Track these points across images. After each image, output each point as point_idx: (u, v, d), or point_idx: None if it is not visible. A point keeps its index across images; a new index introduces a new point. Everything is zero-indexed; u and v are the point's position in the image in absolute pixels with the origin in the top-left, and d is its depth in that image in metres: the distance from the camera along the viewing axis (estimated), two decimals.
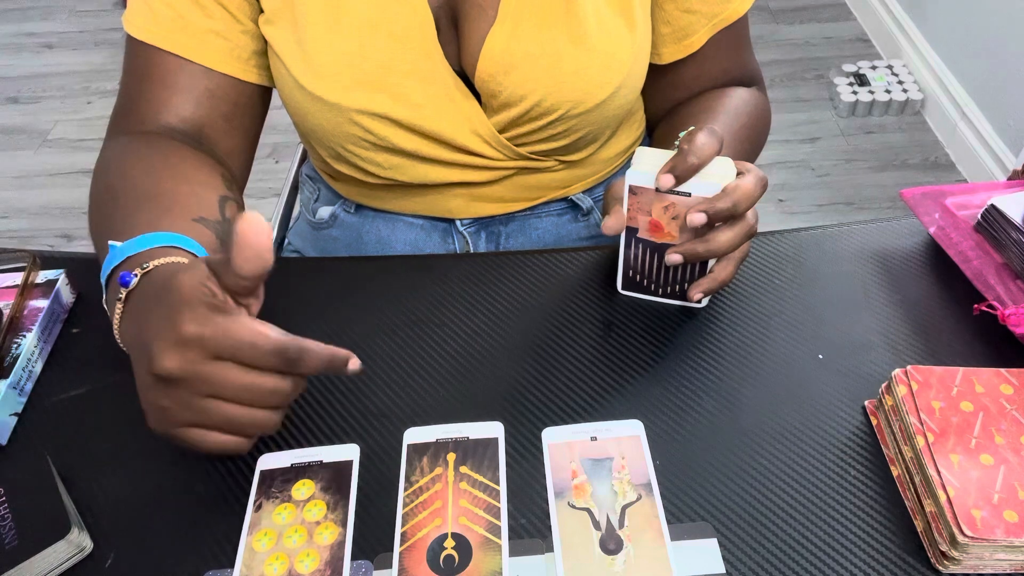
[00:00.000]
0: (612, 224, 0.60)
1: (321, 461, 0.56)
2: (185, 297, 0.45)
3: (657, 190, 0.58)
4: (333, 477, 0.55)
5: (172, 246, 0.55)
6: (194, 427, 0.46)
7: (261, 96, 0.74)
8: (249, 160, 0.76)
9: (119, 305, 0.52)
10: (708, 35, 0.75)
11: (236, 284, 0.45)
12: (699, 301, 0.63)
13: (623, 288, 0.67)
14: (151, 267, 0.52)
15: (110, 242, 0.55)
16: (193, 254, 0.55)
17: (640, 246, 0.63)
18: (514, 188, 0.79)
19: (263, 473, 0.54)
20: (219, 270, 0.45)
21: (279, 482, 0.54)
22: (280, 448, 0.57)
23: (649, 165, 0.58)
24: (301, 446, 0.57)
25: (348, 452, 0.56)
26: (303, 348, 0.46)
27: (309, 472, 0.55)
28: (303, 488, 0.54)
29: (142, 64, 0.69)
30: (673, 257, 0.60)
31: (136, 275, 0.51)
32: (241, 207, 0.67)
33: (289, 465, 0.55)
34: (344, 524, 0.52)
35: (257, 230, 0.43)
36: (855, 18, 2.63)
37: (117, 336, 0.53)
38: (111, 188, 0.63)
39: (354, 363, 0.48)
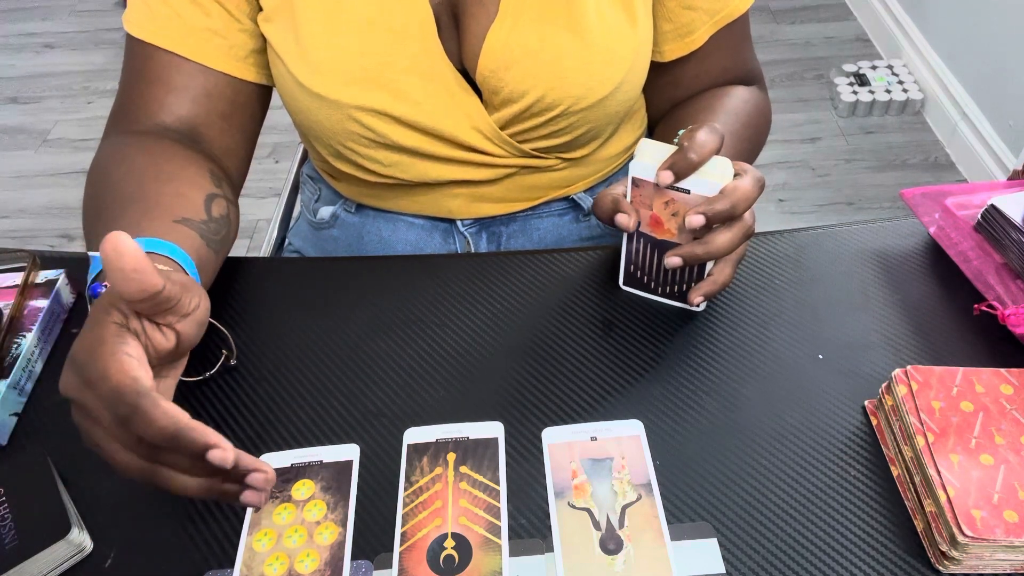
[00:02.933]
0: (624, 220, 0.61)
1: (321, 461, 0.56)
2: (93, 317, 0.45)
3: (657, 185, 0.58)
4: (333, 477, 0.55)
5: (152, 253, 0.53)
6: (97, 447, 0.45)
7: (259, 95, 0.74)
8: (247, 159, 0.76)
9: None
10: (709, 32, 0.75)
11: (133, 307, 0.44)
12: (698, 305, 0.64)
13: (624, 284, 0.68)
14: None
15: (89, 252, 0.55)
16: (170, 257, 0.54)
17: (641, 241, 0.63)
18: (515, 188, 0.79)
19: None
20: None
21: (279, 482, 0.54)
22: (280, 448, 0.57)
23: (652, 158, 0.58)
24: (301, 446, 0.57)
25: (348, 452, 0.56)
26: (138, 407, 0.41)
27: (309, 472, 0.55)
28: (303, 488, 0.54)
29: (139, 63, 0.69)
30: (673, 260, 0.60)
31: (106, 286, 0.51)
32: (231, 203, 0.66)
33: (289, 465, 0.55)
34: (344, 524, 0.52)
35: (121, 256, 0.41)
36: (855, 18, 2.63)
37: None
38: (99, 191, 0.63)
39: (217, 455, 0.41)
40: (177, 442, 0.41)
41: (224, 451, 0.41)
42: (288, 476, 0.54)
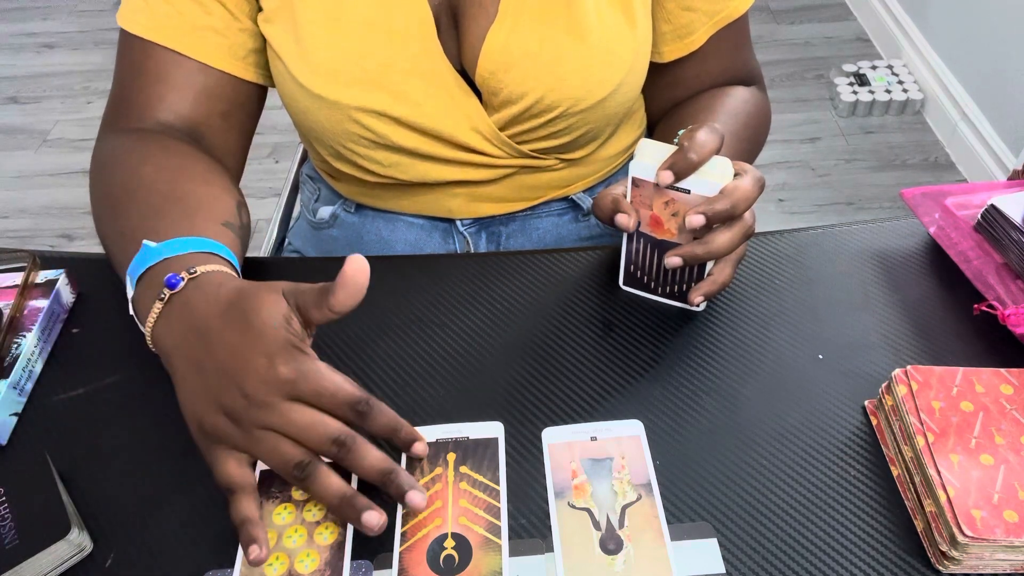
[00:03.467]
0: (624, 220, 0.61)
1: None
2: (275, 335, 0.48)
3: (657, 185, 0.58)
4: None
5: (211, 252, 0.56)
6: (233, 452, 0.49)
7: (258, 96, 0.74)
8: (244, 159, 0.76)
9: (158, 305, 0.53)
10: (709, 33, 0.75)
11: (323, 317, 0.49)
12: (698, 305, 0.64)
13: (624, 284, 0.68)
14: (198, 273, 0.53)
15: (144, 241, 0.55)
16: (229, 261, 0.57)
17: (641, 241, 0.63)
18: (514, 188, 0.79)
19: (263, 473, 0.54)
20: (306, 303, 0.50)
21: (279, 482, 0.54)
22: None
23: (652, 158, 0.58)
24: None
25: None
26: (373, 405, 0.49)
27: None
28: None
29: (138, 60, 0.69)
30: (673, 260, 0.60)
31: (183, 279, 0.52)
32: (248, 211, 0.67)
33: None
34: (344, 524, 0.52)
35: (361, 272, 0.48)
36: (855, 18, 2.63)
37: (149, 334, 0.53)
38: (124, 186, 0.63)
39: (419, 447, 0.52)
40: (396, 433, 0.51)
41: (423, 443, 0.53)
42: None
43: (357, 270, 0.48)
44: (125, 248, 0.58)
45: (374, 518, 0.47)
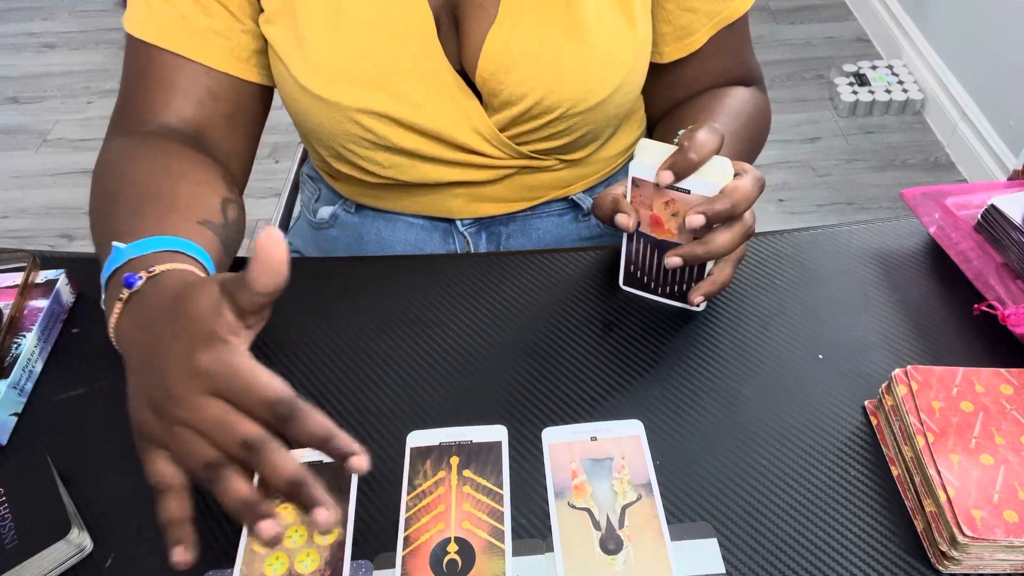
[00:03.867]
0: (624, 220, 0.61)
1: (322, 461, 0.55)
2: (200, 325, 0.45)
3: (657, 185, 0.58)
4: (334, 477, 0.54)
5: (177, 251, 0.55)
6: (157, 451, 0.46)
7: (262, 96, 0.74)
8: (250, 161, 0.76)
9: (118, 304, 0.52)
10: (709, 34, 0.75)
11: (251, 302, 0.45)
12: (698, 305, 0.64)
13: (624, 284, 0.68)
14: (157, 272, 0.52)
15: (114, 243, 0.55)
16: (197, 259, 0.55)
17: (641, 241, 0.63)
18: (515, 188, 0.79)
19: None
20: (233, 289, 0.46)
21: None
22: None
23: (652, 158, 0.58)
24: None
25: None
26: (298, 408, 0.43)
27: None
28: None
29: (142, 63, 0.69)
30: (672, 260, 0.60)
31: (142, 278, 0.51)
32: (242, 208, 0.67)
33: None
34: (344, 524, 0.52)
35: (276, 245, 0.44)
36: (855, 18, 2.63)
37: (112, 333, 0.52)
38: (111, 189, 0.63)
39: (358, 462, 0.43)
40: (326, 443, 0.43)
41: (363, 458, 0.43)
42: None
43: (271, 243, 0.44)
44: (106, 250, 0.58)
45: (266, 528, 0.43)
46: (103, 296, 0.55)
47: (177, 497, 0.45)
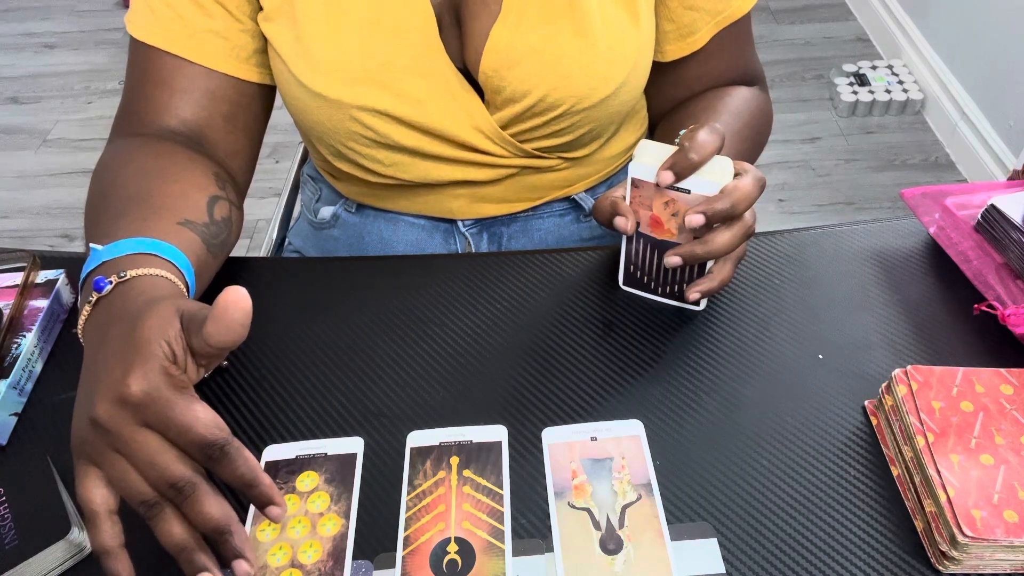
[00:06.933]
0: (622, 223, 0.61)
1: (326, 453, 0.56)
2: (143, 351, 0.44)
3: (657, 186, 0.58)
4: (337, 469, 0.55)
5: (151, 254, 0.54)
6: (91, 469, 0.45)
7: (263, 96, 0.74)
8: (252, 161, 0.76)
9: (87, 308, 0.51)
10: (711, 33, 0.75)
11: (202, 349, 0.45)
12: (697, 303, 0.64)
13: (624, 284, 0.68)
14: (127, 276, 0.51)
15: (91, 244, 0.55)
16: (171, 262, 0.55)
17: (641, 241, 0.63)
18: (516, 188, 0.79)
19: (268, 464, 0.55)
20: (190, 327, 0.45)
21: (284, 473, 0.54)
22: (285, 440, 0.57)
23: (651, 158, 0.58)
24: (306, 439, 0.57)
25: (352, 445, 0.56)
26: (229, 452, 0.43)
27: (314, 464, 0.55)
28: (307, 479, 0.54)
29: (143, 65, 0.69)
30: (672, 259, 0.60)
31: (111, 282, 0.51)
32: (234, 206, 0.66)
33: (294, 456, 0.55)
34: (347, 516, 0.52)
35: (236, 304, 0.43)
36: (855, 18, 2.63)
37: (80, 334, 0.52)
38: (104, 190, 0.63)
39: (274, 512, 0.45)
40: (249, 488, 0.44)
41: (280, 509, 0.45)
42: (293, 468, 0.55)
43: (232, 301, 0.43)
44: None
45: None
46: (78, 298, 0.55)
47: (105, 524, 0.44)
